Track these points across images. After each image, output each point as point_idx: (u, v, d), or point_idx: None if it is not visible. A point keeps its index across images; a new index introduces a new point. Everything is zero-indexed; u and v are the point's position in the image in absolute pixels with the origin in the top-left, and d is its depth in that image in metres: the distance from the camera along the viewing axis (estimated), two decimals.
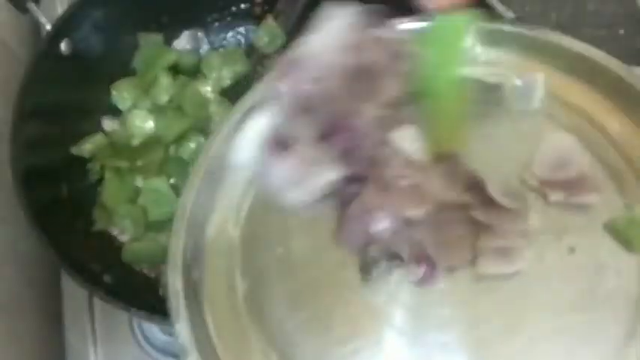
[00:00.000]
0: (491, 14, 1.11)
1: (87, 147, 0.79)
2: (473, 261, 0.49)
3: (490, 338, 0.46)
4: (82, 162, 0.79)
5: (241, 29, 0.91)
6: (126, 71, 0.84)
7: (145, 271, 0.76)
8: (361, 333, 0.48)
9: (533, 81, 0.55)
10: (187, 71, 0.86)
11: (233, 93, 0.84)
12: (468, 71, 0.54)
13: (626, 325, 0.45)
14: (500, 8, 1.27)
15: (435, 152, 0.52)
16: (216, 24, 0.90)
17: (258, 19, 0.89)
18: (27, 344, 0.78)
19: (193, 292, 0.49)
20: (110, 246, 0.77)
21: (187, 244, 0.51)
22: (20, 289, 0.79)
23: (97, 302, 0.79)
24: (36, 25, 0.87)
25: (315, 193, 0.51)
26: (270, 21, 0.86)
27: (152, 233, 0.77)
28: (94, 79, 0.81)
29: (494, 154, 0.53)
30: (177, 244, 0.50)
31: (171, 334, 0.77)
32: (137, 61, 0.85)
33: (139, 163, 0.78)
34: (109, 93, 0.83)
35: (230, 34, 0.91)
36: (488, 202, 0.49)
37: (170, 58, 0.84)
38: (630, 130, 0.54)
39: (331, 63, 0.51)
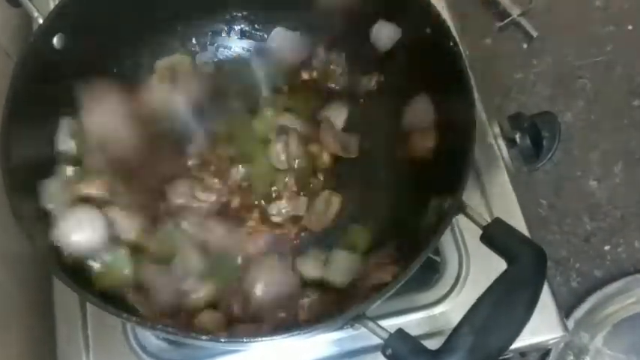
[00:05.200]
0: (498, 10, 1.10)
1: None
2: None
3: None
4: None
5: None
6: (122, 69, 0.82)
7: None
8: None
9: None
10: None
11: None
12: None
13: None
14: (506, 3, 1.27)
15: None
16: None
17: None
18: (18, 351, 0.77)
19: None
20: None
21: None
22: (11, 293, 0.79)
23: (90, 308, 0.78)
24: (28, 19, 0.85)
25: None
26: None
27: None
28: (88, 76, 0.78)
29: None
30: None
31: (164, 339, 0.76)
32: None
33: None
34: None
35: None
36: None
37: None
38: None
39: None
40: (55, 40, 0.73)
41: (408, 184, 0.78)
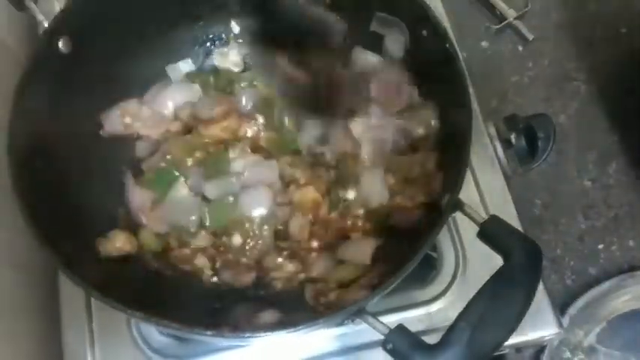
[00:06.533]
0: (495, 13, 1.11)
1: None
2: None
3: None
4: None
5: None
6: (129, 72, 0.83)
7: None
8: None
9: None
10: None
11: None
12: None
13: None
14: (502, 6, 1.28)
15: None
16: None
17: None
18: (24, 345, 0.77)
19: None
20: None
21: None
22: (17, 289, 0.79)
23: (95, 303, 0.79)
24: (34, 23, 0.86)
25: None
26: None
27: None
28: (95, 79, 0.79)
29: None
30: None
31: (168, 335, 0.77)
32: None
33: None
34: (110, 94, 0.82)
35: None
36: None
37: None
38: None
39: None
40: (60, 44, 0.74)
41: None
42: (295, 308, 0.72)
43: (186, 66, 0.88)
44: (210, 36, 0.90)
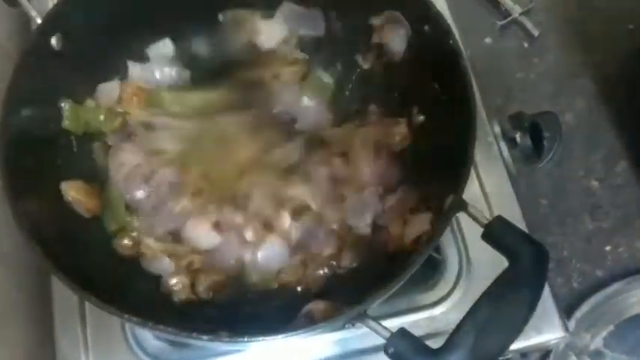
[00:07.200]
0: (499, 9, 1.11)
1: None
2: None
3: None
4: None
5: None
6: (122, 70, 0.82)
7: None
8: None
9: None
10: None
11: None
12: None
13: None
14: (508, 3, 1.27)
15: None
16: None
17: None
18: (17, 350, 0.77)
19: None
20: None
21: None
22: (9, 293, 0.78)
23: (89, 307, 0.77)
24: (26, 20, 0.85)
25: None
26: None
27: None
28: (87, 77, 0.79)
29: None
30: None
31: (164, 340, 0.76)
32: None
33: None
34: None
35: None
36: None
37: None
38: None
39: None
40: (53, 41, 0.72)
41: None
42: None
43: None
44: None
